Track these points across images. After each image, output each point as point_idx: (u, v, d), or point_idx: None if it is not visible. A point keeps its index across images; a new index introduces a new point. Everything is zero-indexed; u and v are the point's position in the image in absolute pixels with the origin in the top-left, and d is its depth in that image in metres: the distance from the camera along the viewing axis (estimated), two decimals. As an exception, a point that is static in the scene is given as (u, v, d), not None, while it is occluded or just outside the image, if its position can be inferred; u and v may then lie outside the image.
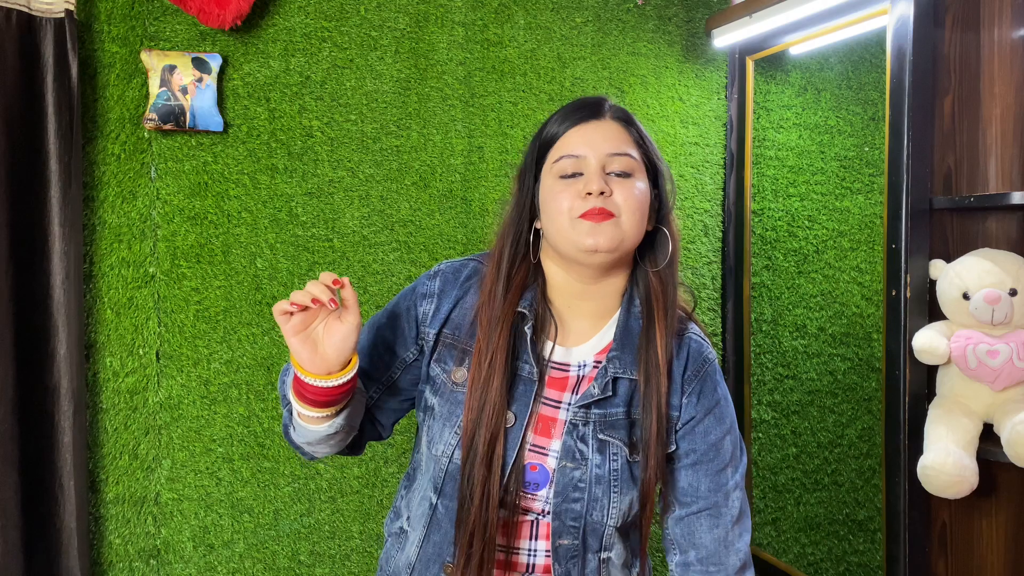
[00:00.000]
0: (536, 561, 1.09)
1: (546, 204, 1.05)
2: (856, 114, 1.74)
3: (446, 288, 1.11)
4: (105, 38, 1.64)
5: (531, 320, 1.06)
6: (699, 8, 2.04)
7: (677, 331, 1.09)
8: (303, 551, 1.80)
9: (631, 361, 1.06)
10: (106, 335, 1.67)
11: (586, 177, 1.02)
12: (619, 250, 1.03)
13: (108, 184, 1.66)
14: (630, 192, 1.02)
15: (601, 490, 1.05)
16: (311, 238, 1.78)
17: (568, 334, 1.09)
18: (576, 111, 1.06)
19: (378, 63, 1.82)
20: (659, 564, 2.07)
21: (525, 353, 1.06)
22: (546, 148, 1.07)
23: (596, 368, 1.07)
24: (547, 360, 1.08)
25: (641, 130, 1.08)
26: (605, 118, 1.06)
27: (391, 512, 1.22)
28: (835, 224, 1.80)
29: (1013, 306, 1.47)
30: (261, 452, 1.76)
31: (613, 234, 1.01)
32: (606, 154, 1.03)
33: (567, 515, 1.05)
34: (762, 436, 2.01)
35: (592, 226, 1.00)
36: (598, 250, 1.01)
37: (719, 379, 1.11)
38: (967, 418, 1.49)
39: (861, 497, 1.74)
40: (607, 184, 1.01)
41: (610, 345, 1.08)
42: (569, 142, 1.04)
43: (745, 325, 2.03)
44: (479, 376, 1.04)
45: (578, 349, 1.09)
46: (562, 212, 1.02)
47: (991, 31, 1.53)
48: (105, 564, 1.67)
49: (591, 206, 1.00)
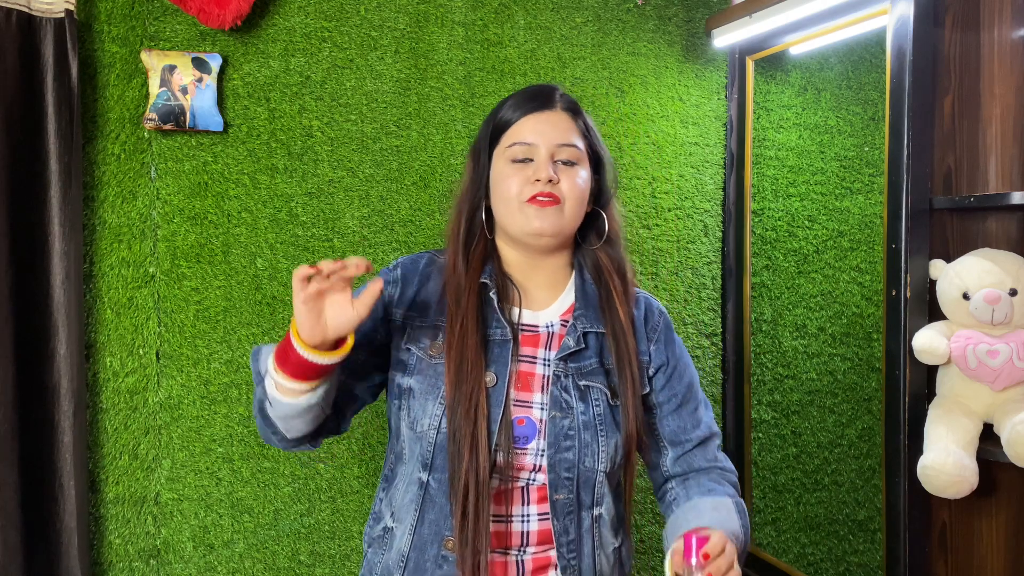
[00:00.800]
0: (530, 528, 1.12)
1: (497, 185, 1.15)
2: (856, 114, 1.74)
3: (407, 275, 1.19)
4: (105, 38, 1.64)
5: (494, 288, 1.14)
6: (699, 8, 2.04)
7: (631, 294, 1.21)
8: (303, 551, 1.80)
9: (595, 317, 1.16)
10: (106, 335, 1.67)
11: (536, 164, 1.12)
12: (561, 234, 1.14)
13: (108, 184, 1.66)
14: (574, 181, 1.13)
15: (589, 435, 1.12)
16: (311, 238, 1.78)
17: (532, 300, 1.19)
18: (530, 100, 1.15)
19: (378, 63, 1.82)
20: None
21: (495, 320, 1.14)
22: (499, 132, 1.16)
23: (564, 326, 1.17)
24: (517, 323, 1.16)
25: (587, 120, 1.18)
26: (556, 108, 1.15)
27: (369, 521, 1.24)
28: (835, 224, 1.80)
29: (1013, 306, 1.47)
30: (261, 452, 1.76)
31: (556, 219, 1.12)
32: (555, 144, 1.12)
33: (561, 466, 1.11)
34: (762, 436, 2.01)
35: (538, 210, 1.11)
36: (543, 234, 1.12)
37: (673, 328, 1.25)
38: (967, 418, 1.49)
39: (861, 497, 1.74)
40: (555, 172, 1.11)
41: (573, 306, 1.17)
42: (522, 130, 1.13)
43: (745, 325, 2.03)
44: (453, 340, 1.10)
45: (544, 312, 1.18)
46: (511, 195, 1.12)
47: (991, 31, 1.53)
48: (105, 564, 1.68)
49: (539, 191, 1.10)
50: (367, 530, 1.23)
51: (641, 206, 2.02)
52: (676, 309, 2.06)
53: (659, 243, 2.03)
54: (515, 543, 1.13)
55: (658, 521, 2.05)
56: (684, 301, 2.07)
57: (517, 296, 1.17)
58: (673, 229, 2.05)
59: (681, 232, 2.05)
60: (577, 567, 1.14)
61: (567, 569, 1.13)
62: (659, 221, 2.03)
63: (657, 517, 2.05)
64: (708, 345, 2.09)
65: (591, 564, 1.15)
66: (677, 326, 2.06)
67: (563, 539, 1.12)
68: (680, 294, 2.06)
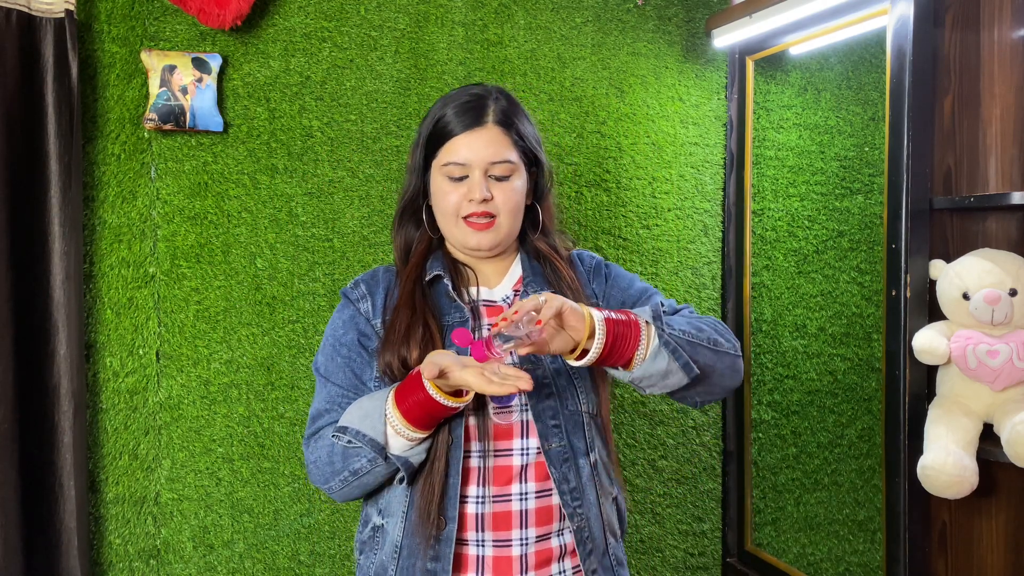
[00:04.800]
0: (529, 506, 1.15)
1: (435, 198, 1.22)
2: (856, 114, 1.74)
3: (371, 288, 1.24)
4: (105, 38, 1.64)
5: (447, 277, 1.21)
6: (699, 8, 2.04)
7: (567, 258, 1.29)
8: (303, 551, 1.80)
9: (543, 283, 1.23)
10: (106, 335, 1.67)
11: (470, 182, 1.17)
12: (500, 246, 1.22)
13: (108, 184, 1.66)
14: (508, 195, 1.19)
15: (564, 380, 1.18)
16: (311, 238, 1.78)
17: (486, 280, 1.26)
18: (463, 113, 1.18)
19: (378, 63, 1.82)
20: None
21: (452, 307, 1.20)
22: (436, 142, 1.20)
23: (517, 295, 1.24)
24: (476, 300, 1.23)
25: (520, 129, 1.21)
26: (488, 124, 1.18)
27: (359, 528, 1.26)
28: (835, 224, 1.80)
29: (1013, 306, 1.47)
30: (261, 452, 1.77)
31: (493, 237, 1.19)
32: (488, 162, 1.17)
33: (546, 414, 1.15)
34: (762, 436, 2.01)
35: (474, 231, 1.18)
36: (480, 249, 1.20)
37: (608, 262, 1.32)
38: (967, 418, 1.49)
39: (861, 497, 1.74)
40: (488, 190, 1.17)
41: (521, 278, 1.25)
42: (455, 149, 1.18)
43: (745, 325, 2.03)
44: (394, 316, 1.18)
45: (498, 288, 1.26)
46: (449, 211, 1.19)
47: (991, 31, 1.53)
48: (105, 564, 1.67)
49: (474, 210, 1.17)
50: (357, 536, 1.25)
51: (641, 206, 2.02)
52: (676, 309, 2.06)
53: (659, 243, 2.03)
54: (515, 523, 1.13)
55: (658, 521, 2.05)
56: (684, 301, 2.06)
57: (473, 276, 1.25)
58: (673, 229, 2.05)
59: (681, 232, 2.05)
60: (584, 515, 1.16)
61: (574, 517, 1.15)
62: (659, 221, 2.03)
63: (657, 517, 2.05)
64: (708, 345, 2.09)
65: (598, 513, 1.18)
66: (677, 326, 2.06)
67: (564, 487, 1.14)
68: (680, 294, 2.06)
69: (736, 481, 2.07)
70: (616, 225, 2.00)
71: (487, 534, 1.14)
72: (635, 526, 2.04)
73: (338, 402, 1.17)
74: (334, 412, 1.17)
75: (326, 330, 1.24)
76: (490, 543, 1.14)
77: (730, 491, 2.09)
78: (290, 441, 1.78)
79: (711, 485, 2.10)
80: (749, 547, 2.05)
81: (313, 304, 1.78)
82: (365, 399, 1.12)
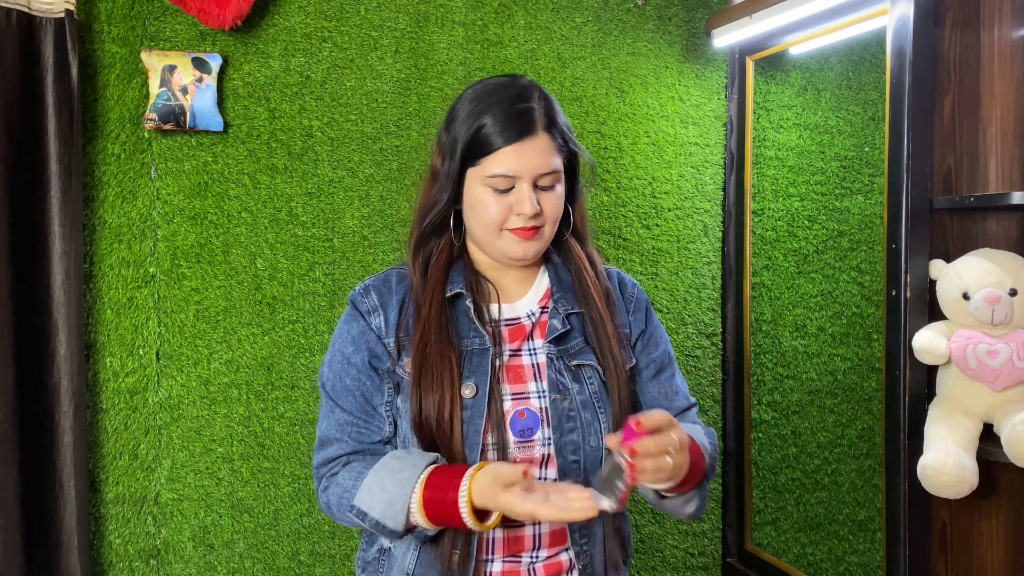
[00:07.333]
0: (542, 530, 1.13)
1: (474, 208, 1.12)
2: (856, 114, 1.74)
3: (383, 298, 1.16)
4: (105, 38, 1.64)
5: (469, 296, 1.14)
6: (699, 8, 2.04)
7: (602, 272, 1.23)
8: (303, 551, 1.80)
9: (573, 299, 1.17)
10: (106, 335, 1.67)
11: (519, 194, 1.09)
12: (540, 254, 1.16)
13: (108, 184, 1.66)
14: (554, 204, 1.12)
15: (589, 414, 1.13)
16: (311, 238, 1.78)
17: (508, 294, 1.18)
18: (511, 124, 1.08)
19: (378, 63, 1.82)
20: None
21: (471, 330, 1.13)
22: (477, 150, 1.10)
23: (545, 312, 1.17)
24: (498, 320, 1.16)
25: (562, 127, 1.13)
26: (538, 132, 1.09)
27: (361, 544, 1.22)
28: (835, 224, 1.80)
29: (1013, 306, 1.47)
30: (261, 452, 1.76)
31: (538, 246, 1.13)
32: (538, 174, 1.09)
33: (567, 449, 1.11)
34: (762, 436, 2.01)
35: (520, 241, 1.11)
36: (525, 259, 1.13)
37: (651, 305, 1.27)
38: (967, 418, 1.49)
39: (861, 497, 1.74)
40: (538, 203, 1.10)
41: (549, 291, 1.18)
42: (504, 161, 1.08)
43: (745, 325, 2.03)
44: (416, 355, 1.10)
45: (521, 302, 1.18)
46: (492, 222, 1.11)
47: (991, 31, 1.53)
48: (105, 564, 1.67)
49: (523, 225, 1.10)
50: (360, 554, 1.21)
51: (641, 206, 2.02)
52: (676, 309, 2.06)
53: (659, 243, 2.03)
54: (527, 547, 1.12)
55: (658, 521, 2.05)
56: (684, 301, 2.07)
57: (494, 292, 1.17)
58: (673, 229, 2.05)
59: (681, 232, 2.05)
60: (589, 552, 1.14)
61: (581, 555, 1.13)
62: (659, 221, 2.03)
63: (657, 517, 2.05)
64: (708, 345, 2.09)
65: (602, 550, 1.16)
66: (677, 326, 2.06)
67: (575, 525, 1.13)
68: (680, 294, 2.06)
69: (736, 481, 2.07)
70: (616, 225, 2.00)
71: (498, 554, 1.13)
72: (635, 526, 2.04)
73: (348, 431, 1.13)
74: (344, 443, 1.13)
75: (333, 339, 1.18)
76: (500, 560, 1.12)
77: (730, 491, 2.09)
78: (290, 441, 1.78)
79: (711, 485, 2.10)
80: (749, 547, 2.05)
81: (313, 304, 1.78)
82: (388, 477, 1.06)
